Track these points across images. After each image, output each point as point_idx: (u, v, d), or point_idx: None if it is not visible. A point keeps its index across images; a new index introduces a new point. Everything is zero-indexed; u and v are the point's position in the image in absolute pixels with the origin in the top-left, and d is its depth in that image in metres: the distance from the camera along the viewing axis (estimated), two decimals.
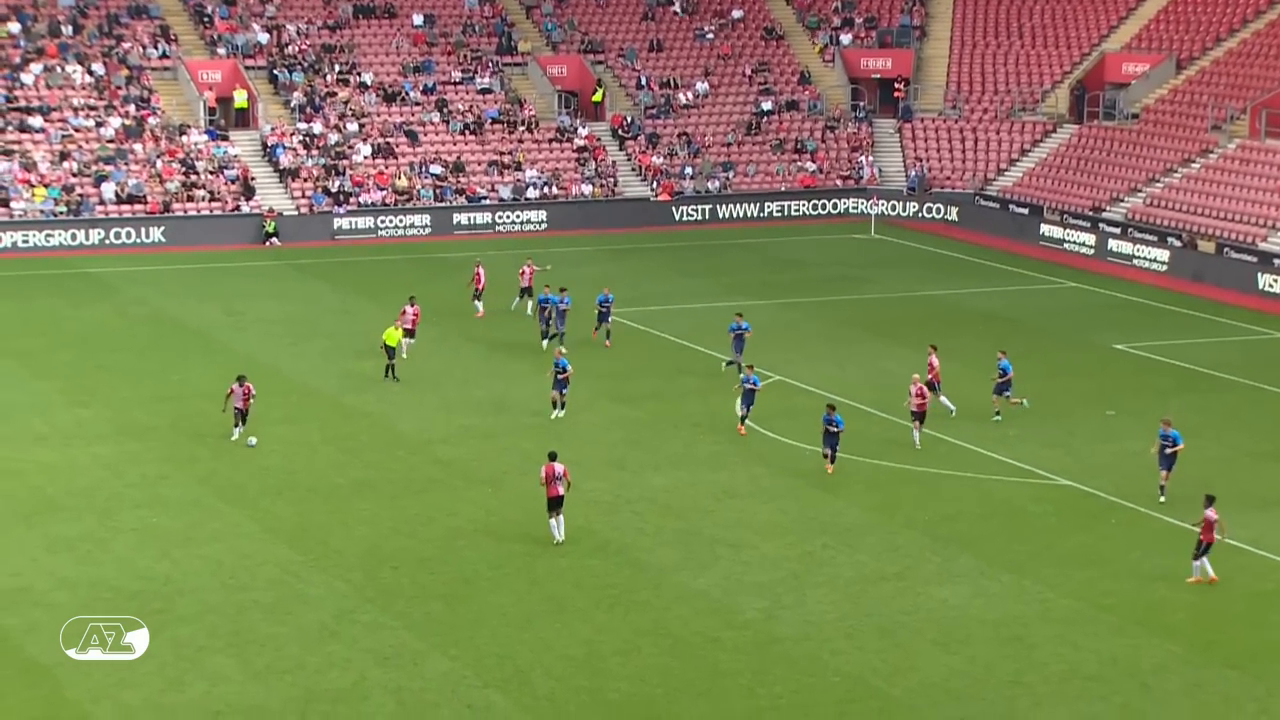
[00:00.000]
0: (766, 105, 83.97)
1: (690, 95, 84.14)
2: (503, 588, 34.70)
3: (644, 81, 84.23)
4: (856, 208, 79.05)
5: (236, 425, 43.80)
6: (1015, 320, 60.02)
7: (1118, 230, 70.77)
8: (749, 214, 78.87)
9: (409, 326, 51.91)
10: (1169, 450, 39.88)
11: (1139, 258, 68.85)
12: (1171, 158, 73.98)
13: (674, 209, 78.18)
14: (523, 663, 31.21)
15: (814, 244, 74.74)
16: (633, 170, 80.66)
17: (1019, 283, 67.04)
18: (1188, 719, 29.35)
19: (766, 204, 79.39)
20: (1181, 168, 73.14)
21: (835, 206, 79.92)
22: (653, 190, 79.45)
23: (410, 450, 44.01)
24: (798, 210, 79.63)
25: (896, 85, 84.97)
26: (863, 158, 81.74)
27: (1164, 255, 67.92)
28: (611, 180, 79.38)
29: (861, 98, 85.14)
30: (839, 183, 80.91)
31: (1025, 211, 75.28)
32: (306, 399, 48.60)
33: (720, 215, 78.50)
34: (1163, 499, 39.90)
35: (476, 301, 58.29)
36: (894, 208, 78.84)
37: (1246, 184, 69.70)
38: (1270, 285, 63.56)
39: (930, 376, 46.41)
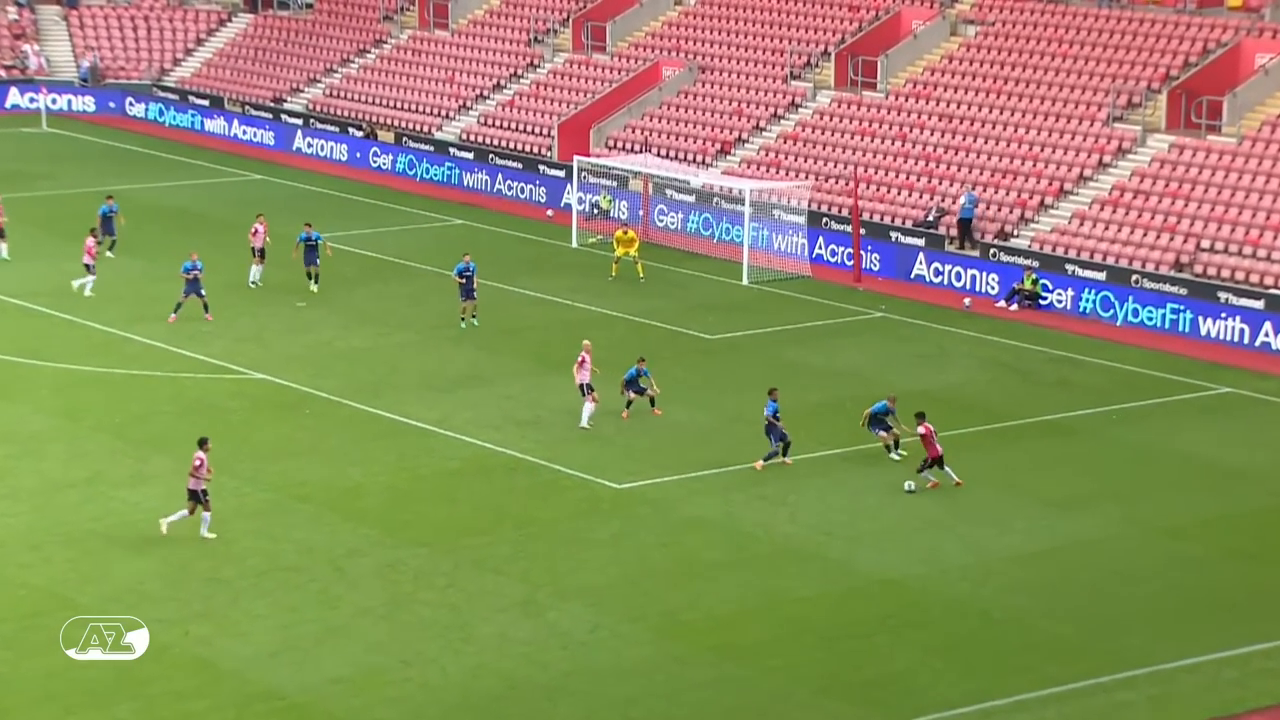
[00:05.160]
0: None
1: None
2: None
3: None
4: (31, 102, 75.26)
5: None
6: (204, 215, 59.22)
7: (300, 121, 71.14)
8: None
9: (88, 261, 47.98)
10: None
11: (321, 148, 69.43)
12: (348, 48, 75.00)
13: None
14: None
15: None
16: None
17: (206, 176, 66.18)
18: (382, 597, 30.15)
19: None
20: (358, 58, 74.32)
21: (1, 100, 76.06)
22: None
23: None
24: None
25: None
26: (28, 46, 78.13)
27: (344, 147, 68.85)
28: None
29: None
30: (3, 73, 76.97)
31: (206, 102, 74.37)
32: None
33: None
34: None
35: None
36: (67, 101, 75.84)
37: (420, 74, 71.59)
38: (440, 175, 65.60)
39: None
